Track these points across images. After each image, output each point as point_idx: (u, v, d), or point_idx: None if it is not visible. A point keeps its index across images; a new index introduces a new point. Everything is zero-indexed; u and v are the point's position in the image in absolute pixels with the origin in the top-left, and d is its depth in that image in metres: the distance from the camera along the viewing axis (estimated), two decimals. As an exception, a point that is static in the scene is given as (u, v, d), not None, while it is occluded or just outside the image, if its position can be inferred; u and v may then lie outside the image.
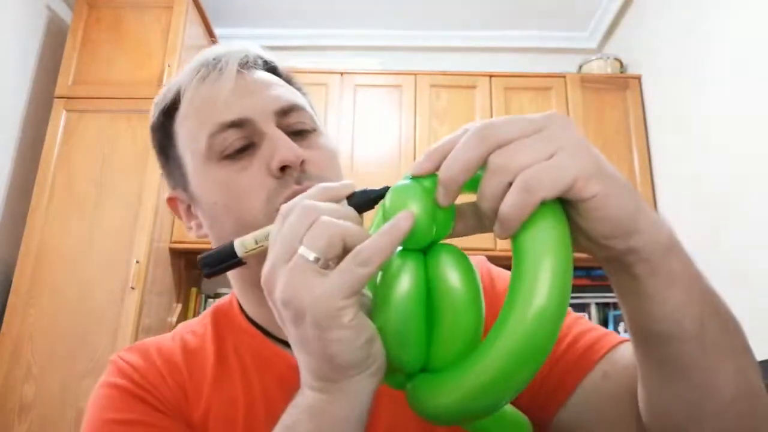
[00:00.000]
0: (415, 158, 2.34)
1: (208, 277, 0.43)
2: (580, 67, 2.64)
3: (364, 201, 0.39)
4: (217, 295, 2.47)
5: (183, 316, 2.32)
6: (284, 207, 0.37)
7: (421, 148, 2.36)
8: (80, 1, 2.31)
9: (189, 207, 0.60)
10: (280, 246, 0.35)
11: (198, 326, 0.61)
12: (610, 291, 2.22)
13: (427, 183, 0.36)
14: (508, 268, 0.38)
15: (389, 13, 2.83)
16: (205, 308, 2.44)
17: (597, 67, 2.57)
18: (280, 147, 0.51)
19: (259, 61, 0.59)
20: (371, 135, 2.41)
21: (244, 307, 0.60)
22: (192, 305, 2.40)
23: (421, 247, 0.37)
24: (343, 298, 0.33)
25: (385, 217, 0.36)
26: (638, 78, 2.46)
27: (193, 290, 2.43)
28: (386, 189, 0.38)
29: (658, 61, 2.33)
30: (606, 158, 0.35)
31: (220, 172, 0.53)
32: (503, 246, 2.21)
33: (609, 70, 2.55)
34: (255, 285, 0.54)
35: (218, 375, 0.55)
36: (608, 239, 0.35)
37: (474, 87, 2.46)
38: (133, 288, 1.96)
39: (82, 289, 1.97)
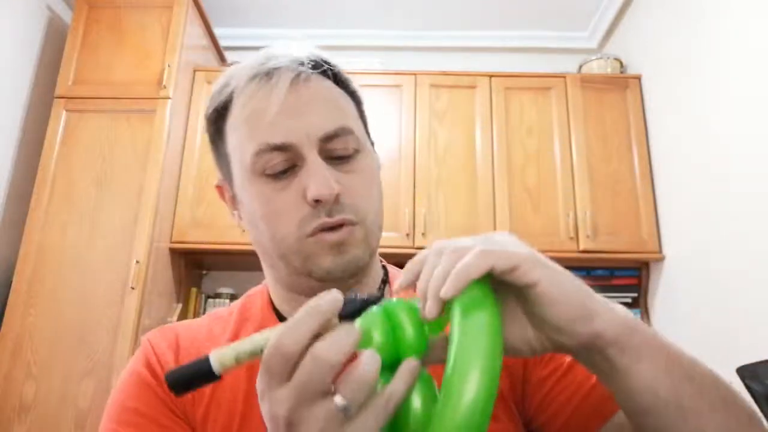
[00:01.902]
0: (415, 158, 2.34)
1: (178, 396, 0.38)
2: (580, 67, 2.64)
3: (353, 311, 0.39)
4: (217, 295, 2.47)
5: (183, 316, 2.32)
6: (276, 344, 0.35)
7: (421, 148, 2.36)
8: (80, 1, 2.31)
9: (233, 197, 0.61)
10: (303, 390, 0.34)
11: (225, 312, 0.64)
12: (610, 291, 2.23)
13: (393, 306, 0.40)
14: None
15: (389, 13, 2.83)
16: (205, 308, 2.44)
17: (597, 67, 2.57)
18: (316, 181, 0.52)
19: (311, 72, 0.57)
20: (371, 135, 2.40)
21: (274, 299, 0.62)
22: (192, 305, 2.40)
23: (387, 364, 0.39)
24: None
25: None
26: (638, 78, 2.45)
27: (193, 290, 2.43)
28: (372, 299, 0.40)
29: (658, 61, 2.33)
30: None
31: (261, 188, 0.54)
32: (503, 246, 2.21)
33: (609, 70, 2.55)
34: (285, 285, 0.59)
35: None
36: (571, 322, 0.39)
37: (474, 87, 2.46)
38: (133, 288, 1.96)
39: (82, 289, 1.97)
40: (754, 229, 1.68)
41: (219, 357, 0.37)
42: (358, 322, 0.39)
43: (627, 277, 2.34)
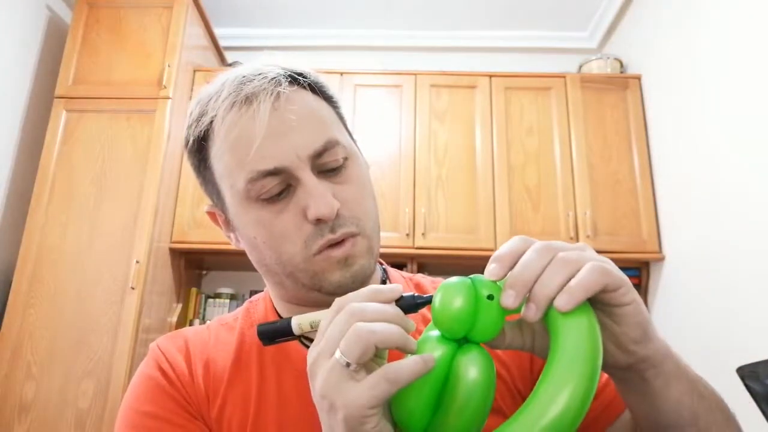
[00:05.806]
0: (415, 158, 2.34)
1: (265, 345, 0.48)
2: (580, 67, 2.64)
3: (409, 305, 0.43)
4: (217, 295, 2.47)
5: (183, 316, 2.32)
6: (338, 301, 0.42)
7: (421, 148, 2.36)
8: (80, 1, 2.31)
9: (227, 220, 0.61)
10: (325, 344, 0.40)
11: (231, 318, 0.65)
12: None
13: (480, 284, 0.41)
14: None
15: (389, 13, 2.83)
16: (205, 308, 2.44)
17: (597, 67, 2.57)
18: (316, 201, 0.52)
19: (288, 89, 0.55)
20: (371, 135, 2.41)
21: (275, 303, 0.63)
22: (192, 305, 2.40)
23: (456, 338, 0.41)
24: (369, 408, 0.37)
25: (433, 314, 0.41)
26: (638, 78, 2.46)
27: (193, 290, 2.43)
28: (431, 298, 0.42)
29: (658, 61, 2.33)
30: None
31: (258, 213, 0.54)
32: (503, 246, 2.21)
33: (609, 70, 2.56)
34: (292, 300, 0.60)
35: (235, 371, 0.58)
36: (636, 343, 0.42)
37: (474, 87, 2.46)
38: (133, 288, 1.96)
39: (82, 289, 1.97)
40: (754, 229, 1.68)
41: (298, 323, 0.46)
42: (439, 291, 0.41)
43: (627, 276, 2.34)
